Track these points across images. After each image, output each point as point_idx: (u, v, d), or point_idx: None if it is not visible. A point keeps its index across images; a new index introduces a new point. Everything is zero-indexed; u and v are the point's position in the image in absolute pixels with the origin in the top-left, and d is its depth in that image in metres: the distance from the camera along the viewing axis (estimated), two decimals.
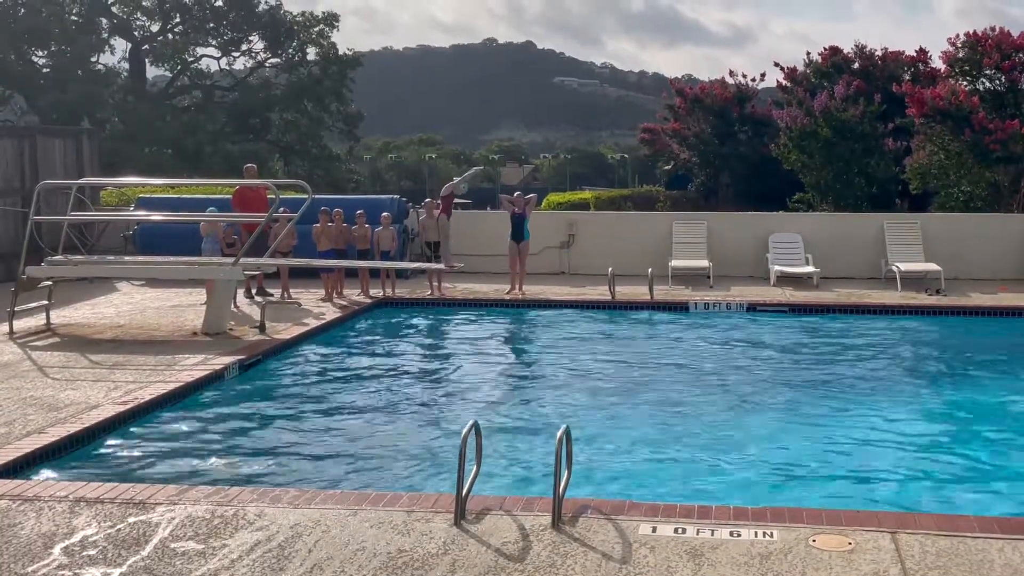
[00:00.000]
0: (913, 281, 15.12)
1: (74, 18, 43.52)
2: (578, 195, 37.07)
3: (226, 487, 6.15)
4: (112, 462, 7.08)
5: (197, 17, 45.81)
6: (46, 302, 11.81)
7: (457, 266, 14.22)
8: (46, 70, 42.71)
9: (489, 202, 36.38)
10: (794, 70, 29.69)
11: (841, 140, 25.15)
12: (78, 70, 42.14)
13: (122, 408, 7.91)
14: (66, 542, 5.21)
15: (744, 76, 33.15)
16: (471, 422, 5.65)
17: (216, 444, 7.64)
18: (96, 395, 8.34)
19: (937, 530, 5.23)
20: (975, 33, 23.47)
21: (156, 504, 5.75)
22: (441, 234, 14.64)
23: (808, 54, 30.16)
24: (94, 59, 44.27)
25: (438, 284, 14.70)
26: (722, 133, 32.68)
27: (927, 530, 5.23)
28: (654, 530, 5.27)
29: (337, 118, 48.17)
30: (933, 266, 15.24)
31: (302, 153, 45.84)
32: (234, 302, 12.65)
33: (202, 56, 47.46)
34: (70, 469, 6.83)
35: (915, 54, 28.31)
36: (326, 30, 46.94)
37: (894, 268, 15.38)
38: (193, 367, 9.46)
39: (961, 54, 23.55)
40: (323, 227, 14.25)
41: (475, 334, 12.60)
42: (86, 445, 7.27)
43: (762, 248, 16.43)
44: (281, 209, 12.38)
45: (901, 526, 5.29)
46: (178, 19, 46.17)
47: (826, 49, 29.61)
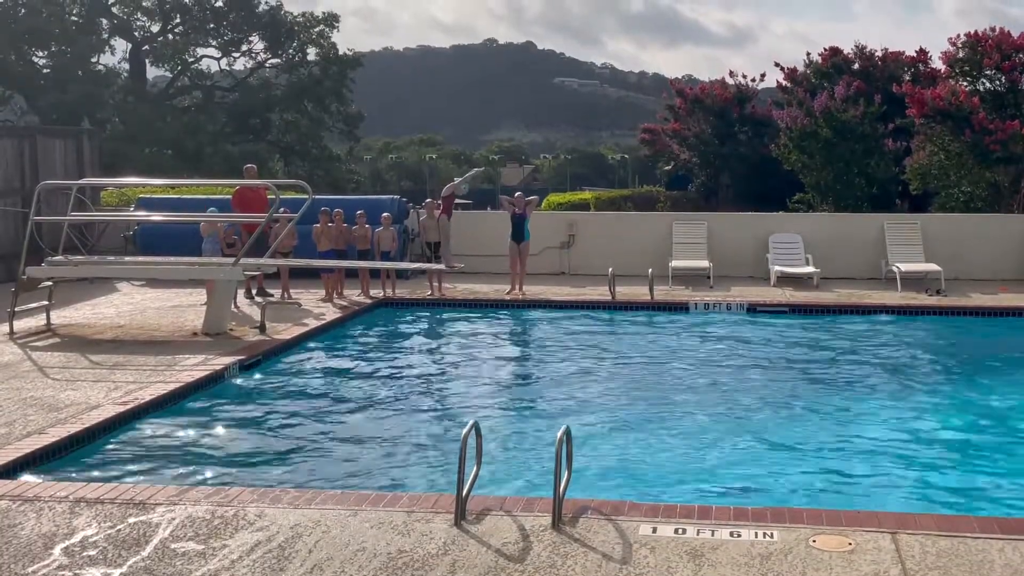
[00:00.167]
0: (913, 281, 15.11)
1: (74, 18, 43.55)
2: (578, 195, 37.04)
3: (226, 487, 6.16)
4: (112, 462, 7.08)
5: (197, 18, 45.82)
6: (46, 302, 11.81)
7: (457, 266, 14.22)
8: (46, 70, 42.72)
9: (489, 202, 36.40)
10: (794, 70, 29.70)
11: (841, 140, 25.15)
12: (78, 70, 42.15)
13: (122, 408, 7.92)
14: (66, 542, 5.21)
15: (744, 76, 33.25)
16: (471, 422, 5.65)
17: (216, 445, 7.64)
18: (96, 395, 8.34)
19: (937, 530, 5.23)
20: (975, 33, 23.47)
21: (156, 504, 5.75)
22: (442, 234, 14.65)
23: (808, 54, 30.23)
24: (94, 59, 44.32)
25: (438, 284, 14.70)
26: (722, 133, 32.71)
27: (927, 530, 5.23)
28: (654, 530, 5.27)
29: (337, 118, 48.19)
30: (933, 266, 15.24)
31: (302, 153, 45.83)
32: (234, 302, 12.66)
33: (202, 57, 47.57)
34: (70, 469, 6.83)
35: (915, 54, 28.33)
36: (326, 30, 47.00)
37: (894, 268, 15.38)
38: (193, 367, 9.47)
39: (961, 54, 23.56)
40: (323, 227, 14.25)
41: (475, 334, 12.59)
42: (86, 445, 7.27)
43: (762, 248, 16.43)
44: (281, 209, 12.38)
45: (901, 526, 5.29)
46: (178, 19, 46.18)
47: (826, 50, 29.62)
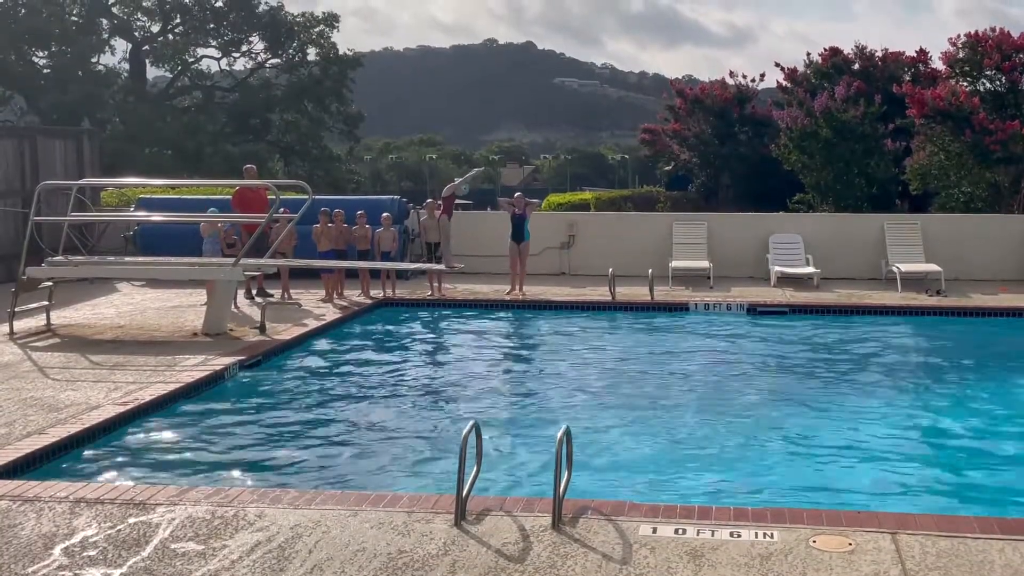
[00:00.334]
0: (913, 282, 15.11)
1: (74, 19, 43.53)
2: (578, 196, 37.03)
3: (226, 488, 6.16)
4: (112, 463, 7.08)
5: (197, 18, 45.80)
6: (46, 303, 11.81)
7: (457, 267, 14.22)
8: (46, 71, 42.72)
9: (490, 203, 36.35)
10: (794, 71, 29.69)
11: (841, 141, 25.15)
12: (78, 71, 42.14)
13: (122, 409, 7.92)
14: (66, 543, 5.21)
15: (744, 77, 33.23)
16: (471, 423, 5.65)
17: (216, 445, 7.64)
18: (96, 396, 8.34)
19: (937, 531, 5.23)
20: (975, 34, 23.48)
21: (156, 505, 5.75)
22: (442, 235, 14.65)
23: (808, 55, 30.21)
24: (94, 60, 44.29)
25: (438, 285, 14.71)
26: (722, 134, 32.70)
27: (927, 531, 5.23)
28: (654, 531, 5.27)
29: (337, 119, 48.17)
30: (933, 267, 15.24)
31: (302, 154, 45.81)
32: (234, 303, 12.66)
33: (202, 57, 47.55)
34: (70, 470, 6.83)
35: (915, 55, 28.31)
36: (326, 30, 46.96)
37: (894, 269, 15.38)
38: (193, 368, 9.47)
39: (961, 55, 23.56)
40: (323, 228, 14.25)
41: (475, 335, 12.60)
42: (86, 446, 7.27)
43: (762, 249, 16.43)
44: (281, 209, 12.38)
45: (901, 527, 5.29)
46: (178, 20, 46.16)
47: (826, 50, 29.61)
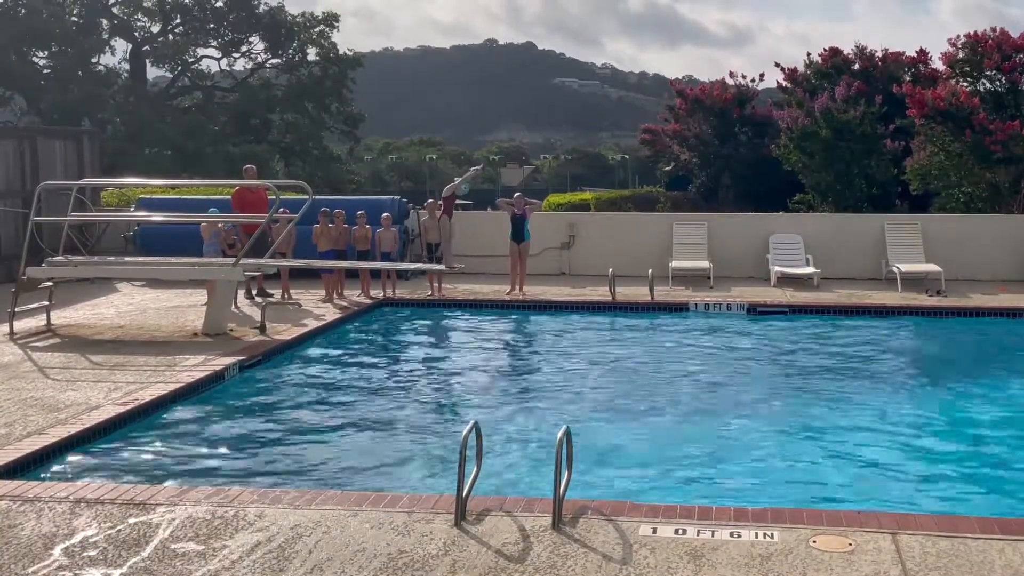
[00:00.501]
0: (913, 282, 15.11)
1: (75, 19, 43.53)
2: (578, 196, 37.06)
3: (226, 488, 6.15)
4: (112, 463, 7.07)
5: (198, 18, 45.80)
6: (46, 303, 11.80)
7: (458, 267, 14.22)
8: (47, 71, 42.72)
9: (490, 203, 36.34)
10: (794, 71, 29.68)
11: (841, 141, 25.16)
12: (79, 71, 42.15)
13: (123, 409, 7.92)
14: (66, 543, 5.21)
15: (744, 77, 33.26)
16: (471, 422, 5.64)
17: (217, 445, 7.64)
18: (97, 396, 8.34)
19: (938, 531, 5.23)
20: (975, 34, 23.47)
21: (156, 505, 5.75)
22: (443, 235, 14.66)
23: (808, 55, 30.23)
24: (95, 60, 44.28)
25: (438, 285, 14.71)
26: (722, 134, 32.71)
27: (927, 531, 5.23)
28: (654, 531, 5.27)
29: (338, 119, 48.18)
30: (933, 267, 15.23)
31: (302, 154, 45.79)
32: (234, 303, 12.65)
33: (202, 57, 47.56)
34: (70, 470, 6.84)
35: (915, 55, 28.31)
36: (326, 30, 46.95)
37: (894, 269, 15.38)
38: (193, 368, 9.47)
39: (961, 55, 23.56)
40: (323, 228, 14.25)
41: (475, 335, 12.60)
42: (86, 446, 7.27)
43: (762, 249, 16.43)
44: (281, 210, 12.37)
45: (901, 527, 5.28)
46: (179, 20, 46.16)
47: (826, 50, 29.62)
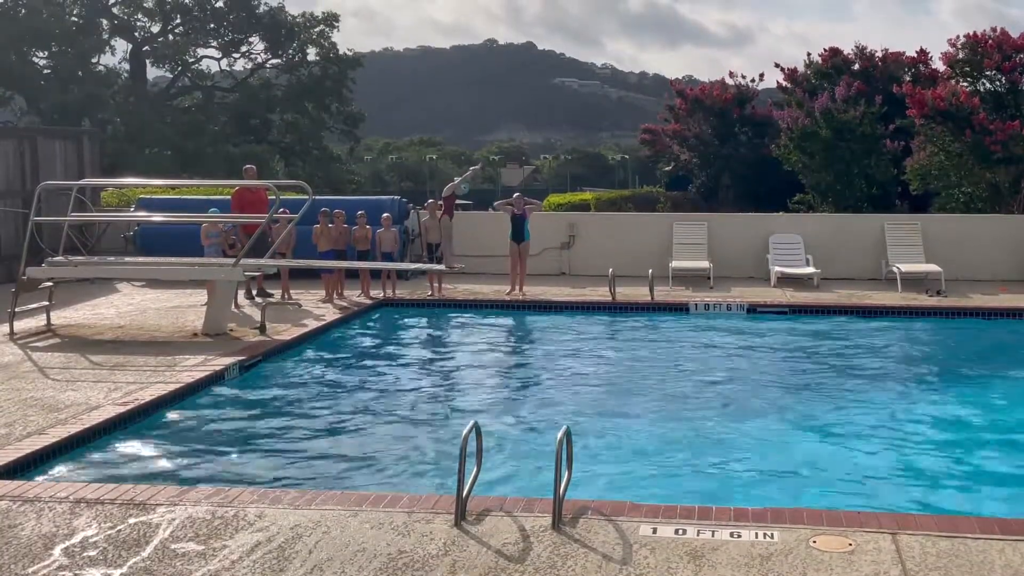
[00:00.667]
0: (913, 282, 15.11)
1: (75, 19, 43.50)
2: (578, 196, 37.03)
3: (226, 488, 6.15)
4: (112, 463, 7.08)
5: (198, 18, 45.77)
6: (46, 303, 11.81)
7: (458, 267, 14.22)
8: (47, 71, 42.69)
9: (490, 203, 36.33)
10: (794, 71, 29.67)
11: (841, 141, 25.16)
12: (79, 71, 42.10)
13: (123, 409, 7.92)
14: (66, 543, 5.21)
15: (744, 77, 33.26)
16: (471, 423, 5.64)
17: (217, 445, 7.64)
18: (97, 396, 8.34)
19: (938, 531, 5.23)
20: (975, 34, 23.46)
21: (156, 505, 5.75)
22: (444, 235, 14.67)
23: (808, 55, 30.23)
24: (95, 60, 44.25)
25: (438, 285, 14.71)
26: (722, 134, 32.71)
27: (928, 531, 5.23)
28: (654, 531, 5.27)
29: (338, 119, 48.15)
30: (933, 267, 15.23)
31: (302, 154, 45.77)
32: (234, 303, 12.65)
33: (203, 57, 47.52)
34: (70, 470, 6.83)
35: (915, 55, 28.30)
36: (326, 31, 46.91)
37: (894, 269, 15.38)
38: (193, 368, 9.47)
39: (961, 55, 23.54)
40: (323, 228, 14.25)
41: (475, 335, 12.60)
42: (86, 446, 7.27)
43: (762, 249, 16.43)
44: (281, 210, 12.37)
45: (901, 527, 5.29)
46: (179, 20, 46.13)
47: (826, 50, 29.61)
